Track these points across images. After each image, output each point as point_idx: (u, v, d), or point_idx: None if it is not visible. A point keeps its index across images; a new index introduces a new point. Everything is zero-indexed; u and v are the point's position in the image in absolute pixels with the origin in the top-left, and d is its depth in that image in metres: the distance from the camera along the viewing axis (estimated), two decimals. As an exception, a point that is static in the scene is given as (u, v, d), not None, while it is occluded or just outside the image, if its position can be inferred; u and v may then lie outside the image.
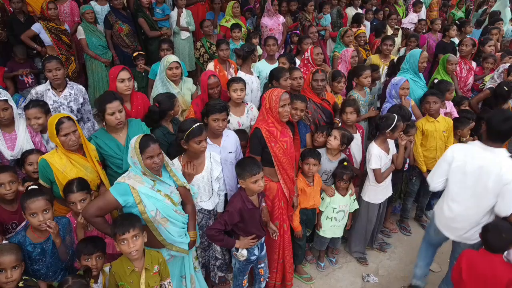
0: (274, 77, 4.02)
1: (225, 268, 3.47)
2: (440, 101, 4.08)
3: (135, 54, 5.56)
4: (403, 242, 4.44)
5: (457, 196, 3.02)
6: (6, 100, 3.15)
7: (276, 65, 4.93)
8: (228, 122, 3.32)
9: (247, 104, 3.96)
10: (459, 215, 3.03)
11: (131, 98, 3.68)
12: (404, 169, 4.20)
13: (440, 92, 4.24)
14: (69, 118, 2.86)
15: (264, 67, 4.97)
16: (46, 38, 5.43)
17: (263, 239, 3.18)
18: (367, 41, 6.44)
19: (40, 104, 3.40)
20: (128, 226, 2.35)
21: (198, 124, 2.87)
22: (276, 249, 3.39)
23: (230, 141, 3.33)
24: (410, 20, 8.19)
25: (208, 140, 3.23)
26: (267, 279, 3.39)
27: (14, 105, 3.26)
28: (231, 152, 3.31)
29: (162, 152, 2.63)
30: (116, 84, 3.49)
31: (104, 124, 3.16)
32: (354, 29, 6.35)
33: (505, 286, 2.60)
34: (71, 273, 2.48)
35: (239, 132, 3.55)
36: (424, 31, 7.04)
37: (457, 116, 4.48)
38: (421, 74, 4.71)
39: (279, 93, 3.08)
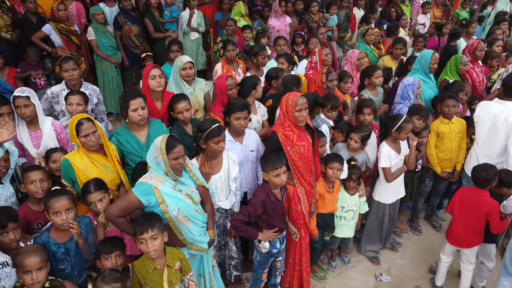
0: (287, 87, 3.86)
1: (240, 268, 3.50)
2: (458, 104, 4.11)
3: (143, 55, 5.60)
4: (414, 241, 4.46)
5: (478, 138, 3.92)
6: (28, 97, 3.17)
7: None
8: (250, 120, 3.35)
9: (255, 102, 4.01)
10: (480, 151, 3.87)
11: (163, 97, 3.73)
12: (417, 170, 4.21)
13: (455, 93, 4.25)
14: (88, 119, 2.87)
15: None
16: (56, 39, 5.44)
17: (284, 232, 3.20)
18: (381, 40, 6.49)
19: (83, 93, 3.60)
20: (147, 227, 2.35)
21: (217, 124, 2.90)
22: (291, 253, 3.38)
23: (252, 139, 3.38)
24: (418, 21, 8.17)
25: (230, 138, 3.26)
26: (282, 274, 3.41)
27: (37, 103, 3.27)
28: (253, 150, 3.36)
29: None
30: (148, 82, 3.60)
31: (126, 121, 3.21)
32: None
33: (484, 215, 3.24)
34: (96, 272, 2.49)
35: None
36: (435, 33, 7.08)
37: (469, 115, 4.49)
38: (431, 75, 4.72)
39: (295, 97, 3.05)
